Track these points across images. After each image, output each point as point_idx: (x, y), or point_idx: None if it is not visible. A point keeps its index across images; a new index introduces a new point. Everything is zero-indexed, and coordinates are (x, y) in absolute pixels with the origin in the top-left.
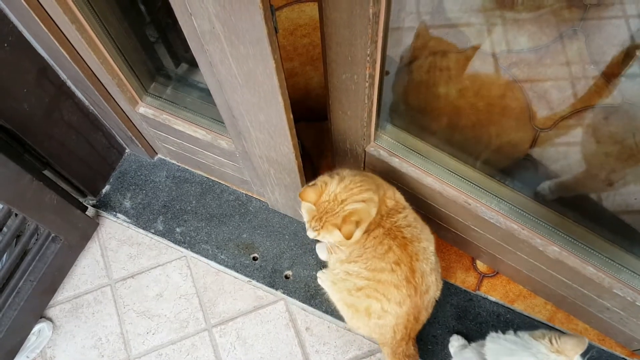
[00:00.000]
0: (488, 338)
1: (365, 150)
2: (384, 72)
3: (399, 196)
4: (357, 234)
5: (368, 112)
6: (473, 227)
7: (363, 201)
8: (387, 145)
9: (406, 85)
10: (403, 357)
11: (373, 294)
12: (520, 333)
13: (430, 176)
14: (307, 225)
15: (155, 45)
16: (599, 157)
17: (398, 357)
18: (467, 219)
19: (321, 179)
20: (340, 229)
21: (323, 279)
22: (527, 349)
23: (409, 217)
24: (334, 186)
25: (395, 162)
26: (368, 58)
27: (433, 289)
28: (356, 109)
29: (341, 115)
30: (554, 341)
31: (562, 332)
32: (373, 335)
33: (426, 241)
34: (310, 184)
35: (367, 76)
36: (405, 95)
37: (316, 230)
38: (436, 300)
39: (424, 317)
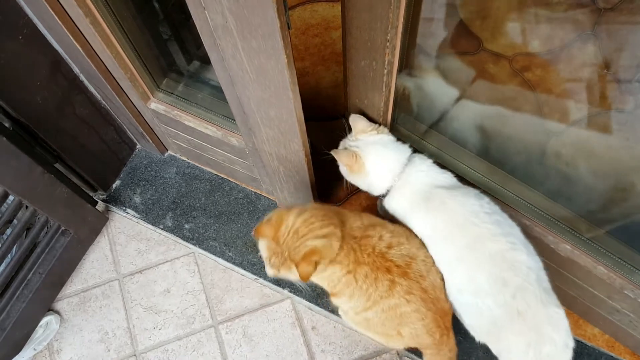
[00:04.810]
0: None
1: None
2: (403, 61)
3: (366, 220)
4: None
5: (385, 101)
6: None
7: (324, 236)
8: (403, 137)
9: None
10: (447, 352)
11: (399, 324)
12: None
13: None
14: (265, 263)
15: (167, 41)
16: (611, 161)
17: (443, 353)
18: None
19: (277, 213)
20: (297, 267)
21: (346, 320)
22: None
23: (384, 235)
24: (292, 219)
25: None
26: (388, 44)
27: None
28: (373, 97)
29: (358, 103)
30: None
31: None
32: (412, 346)
33: (420, 250)
34: (265, 219)
35: (386, 63)
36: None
37: (275, 267)
38: None
39: (448, 305)
